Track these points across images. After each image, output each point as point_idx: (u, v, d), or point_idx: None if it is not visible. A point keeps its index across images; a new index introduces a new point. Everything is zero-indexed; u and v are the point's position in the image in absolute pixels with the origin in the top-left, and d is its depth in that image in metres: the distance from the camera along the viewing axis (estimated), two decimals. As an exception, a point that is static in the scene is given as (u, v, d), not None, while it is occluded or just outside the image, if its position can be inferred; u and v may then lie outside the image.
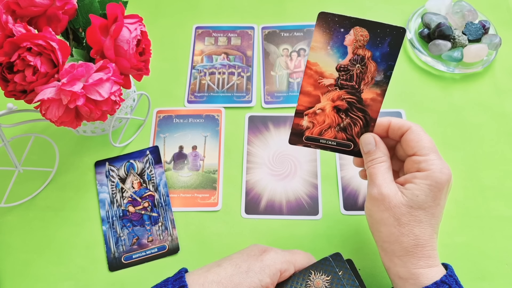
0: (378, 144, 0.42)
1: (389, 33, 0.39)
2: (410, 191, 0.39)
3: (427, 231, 0.38)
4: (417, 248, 0.38)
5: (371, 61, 0.40)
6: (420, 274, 0.38)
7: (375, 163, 0.41)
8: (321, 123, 0.44)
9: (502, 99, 0.60)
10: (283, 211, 0.53)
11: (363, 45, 0.40)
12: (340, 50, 0.40)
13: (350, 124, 0.43)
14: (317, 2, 0.70)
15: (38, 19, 0.45)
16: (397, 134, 0.42)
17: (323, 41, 0.40)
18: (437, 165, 0.39)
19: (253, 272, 0.38)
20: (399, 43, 0.39)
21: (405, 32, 0.39)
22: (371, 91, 0.41)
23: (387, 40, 0.39)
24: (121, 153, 0.57)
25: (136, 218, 0.53)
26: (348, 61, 0.40)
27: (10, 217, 0.53)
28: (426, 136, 0.41)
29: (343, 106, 0.42)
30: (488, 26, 0.63)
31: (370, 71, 0.41)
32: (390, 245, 0.39)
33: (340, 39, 0.40)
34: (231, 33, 0.67)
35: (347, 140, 0.44)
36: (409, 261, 0.38)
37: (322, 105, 0.43)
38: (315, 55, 0.41)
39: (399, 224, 0.38)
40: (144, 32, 0.49)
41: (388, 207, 0.39)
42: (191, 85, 0.63)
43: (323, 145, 0.45)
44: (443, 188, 0.38)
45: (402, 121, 0.42)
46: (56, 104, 0.43)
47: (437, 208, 0.39)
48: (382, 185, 0.40)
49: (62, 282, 0.49)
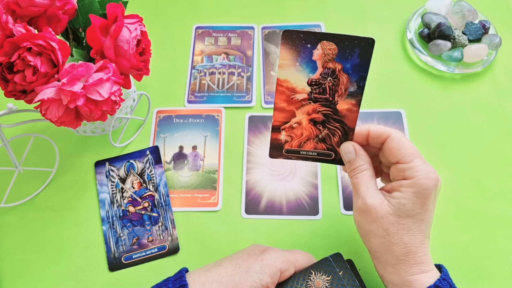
0: (358, 152, 0.41)
1: (357, 44, 0.38)
2: (396, 200, 0.38)
3: (418, 238, 0.38)
4: (408, 256, 0.38)
5: (343, 73, 0.40)
6: (414, 281, 0.37)
7: (357, 172, 0.41)
8: (299, 136, 0.43)
9: (502, 99, 0.60)
10: (283, 211, 0.53)
11: (332, 59, 0.39)
12: (309, 65, 0.40)
13: (329, 135, 0.43)
14: (317, 2, 0.70)
15: (38, 19, 0.45)
16: (378, 142, 0.41)
17: (290, 58, 0.40)
18: (422, 171, 0.38)
19: (253, 271, 0.38)
20: (369, 54, 0.39)
21: (373, 42, 0.38)
22: (346, 102, 0.41)
23: (356, 51, 0.39)
24: (121, 153, 0.57)
25: (136, 218, 0.53)
26: (319, 75, 0.40)
27: (10, 217, 0.53)
28: (408, 142, 0.40)
29: (319, 119, 0.42)
30: (488, 26, 0.63)
31: (342, 83, 0.40)
32: (382, 255, 0.39)
33: (308, 54, 0.39)
34: (231, 33, 0.67)
35: (328, 149, 0.44)
36: (401, 269, 0.38)
37: (298, 119, 0.42)
38: (284, 72, 0.40)
39: (388, 234, 0.38)
40: (144, 32, 0.49)
41: (375, 218, 0.38)
42: (191, 85, 0.63)
43: (304, 156, 0.44)
44: (430, 194, 0.38)
45: (382, 129, 0.41)
46: (56, 104, 0.43)
47: (426, 214, 0.38)
48: (366, 196, 0.39)
49: (62, 282, 0.49)
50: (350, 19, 0.68)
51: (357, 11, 0.69)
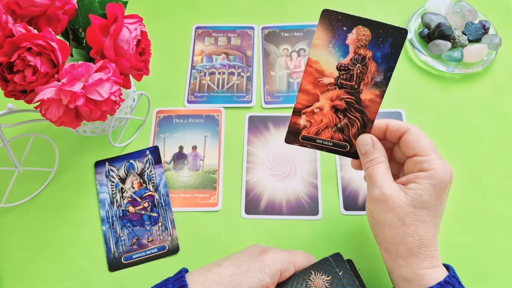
0: (376, 145, 0.42)
1: (391, 33, 0.39)
2: (413, 191, 0.38)
3: (431, 231, 0.38)
4: (421, 248, 0.38)
5: (372, 62, 0.40)
6: (424, 275, 0.38)
7: (374, 164, 0.41)
8: (318, 123, 0.43)
9: (502, 99, 0.60)
10: (283, 211, 0.53)
11: (364, 45, 0.40)
12: (341, 48, 0.40)
13: (348, 125, 0.43)
14: (317, 2, 0.70)
15: (38, 19, 0.45)
16: (395, 136, 0.42)
17: (325, 39, 0.40)
18: (439, 164, 0.39)
19: (253, 272, 0.38)
20: (400, 44, 0.39)
21: (407, 33, 0.39)
22: (370, 92, 0.41)
23: (389, 40, 0.39)
24: (121, 153, 0.57)
25: (136, 218, 0.53)
26: (349, 61, 0.40)
27: (10, 217, 0.53)
28: (425, 137, 0.41)
29: (341, 106, 0.42)
30: (488, 26, 0.63)
31: (370, 71, 0.41)
32: (395, 246, 0.39)
33: (342, 37, 0.40)
34: (231, 33, 0.67)
35: (344, 141, 0.44)
36: (413, 262, 0.38)
37: (321, 104, 0.42)
38: (317, 52, 0.40)
39: (404, 225, 0.38)
40: (144, 32, 0.49)
41: (392, 207, 0.39)
42: (191, 85, 0.63)
43: (319, 145, 0.44)
44: (446, 187, 0.39)
45: (400, 123, 0.42)
46: (56, 104, 0.43)
47: (440, 207, 0.39)
48: (383, 185, 0.39)
49: (62, 282, 0.49)
50: (350, 19, 0.68)
51: (357, 11, 0.68)
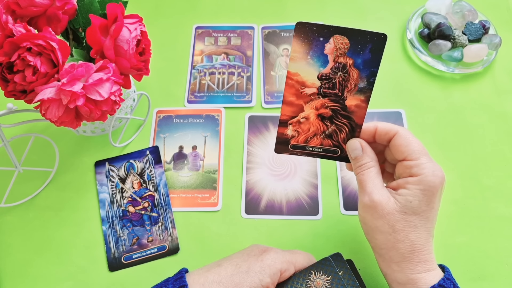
0: (365, 149, 0.41)
1: (370, 39, 0.38)
2: (403, 197, 0.38)
3: (423, 236, 0.38)
4: (413, 254, 0.38)
5: (353, 69, 0.40)
6: (418, 279, 0.37)
7: (364, 169, 0.41)
8: (306, 131, 0.43)
9: (502, 99, 0.60)
10: (283, 211, 0.53)
11: (344, 53, 0.39)
12: (320, 59, 0.40)
13: (336, 131, 0.43)
14: (317, 2, 0.70)
15: (38, 19, 0.45)
16: (384, 139, 0.42)
17: (302, 51, 0.39)
18: (429, 168, 0.38)
19: (253, 272, 0.38)
20: (381, 49, 0.39)
21: (386, 38, 0.38)
22: (355, 98, 0.41)
23: (368, 46, 0.39)
24: (121, 153, 0.57)
25: (136, 218, 0.53)
26: (329, 70, 0.40)
27: (10, 217, 0.53)
28: (415, 140, 0.40)
29: (327, 114, 0.42)
30: (488, 26, 0.63)
31: (353, 78, 0.40)
32: (387, 252, 0.39)
33: (320, 48, 0.39)
34: (231, 33, 0.67)
35: (334, 146, 0.44)
36: (406, 267, 0.38)
37: (306, 113, 0.42)
38: (295, 65, 0.40)
39: (394, 231, 0.38)
40: (144, 32, 0.49)
41: (382, 214, 0.38)
42: (191, 85, 0.63)
43: (310, 152, 0.44)
44: (436, 192, 0.38)
45: (389, 126, 0.41)
46: (56, 104, 0.43)
47: (431, 212, 0.38)
48: (372, 192, 0.39)
49: (62, 282, 0.49)
50: (350, 19, 0.68)
51: (357, 11, 0.69)
